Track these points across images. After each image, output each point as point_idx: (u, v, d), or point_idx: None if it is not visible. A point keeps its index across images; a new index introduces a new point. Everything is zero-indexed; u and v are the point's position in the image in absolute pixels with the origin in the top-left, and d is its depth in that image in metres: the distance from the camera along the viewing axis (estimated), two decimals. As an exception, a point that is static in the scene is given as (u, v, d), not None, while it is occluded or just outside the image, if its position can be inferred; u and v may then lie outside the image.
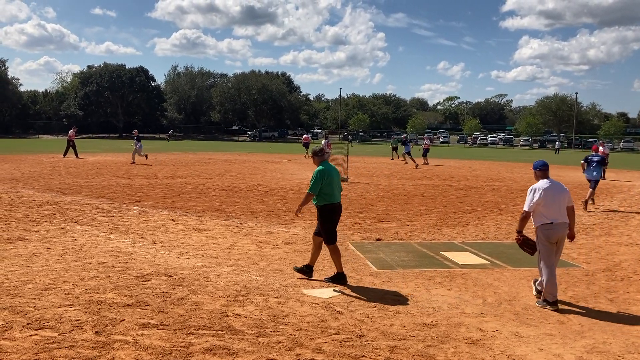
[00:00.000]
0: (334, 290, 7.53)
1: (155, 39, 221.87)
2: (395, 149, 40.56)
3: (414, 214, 14.12)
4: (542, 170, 7.18)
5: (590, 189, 16.72)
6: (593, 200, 17.12)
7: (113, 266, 8.30)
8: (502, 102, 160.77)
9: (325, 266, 8.70)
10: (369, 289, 7.57)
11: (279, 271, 8.34)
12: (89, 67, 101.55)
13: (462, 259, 9.47)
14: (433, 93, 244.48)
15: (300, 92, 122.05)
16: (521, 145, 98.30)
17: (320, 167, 7.93)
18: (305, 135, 44.29)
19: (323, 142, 24.94)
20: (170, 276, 7.89)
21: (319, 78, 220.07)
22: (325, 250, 8.40)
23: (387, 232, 11.40)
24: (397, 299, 7.18)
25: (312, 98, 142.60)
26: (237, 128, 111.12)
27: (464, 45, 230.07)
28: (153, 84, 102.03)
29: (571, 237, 7.02)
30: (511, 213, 15.12)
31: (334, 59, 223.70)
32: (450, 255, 9.66)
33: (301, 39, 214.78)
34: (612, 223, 13.78)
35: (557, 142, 73.81)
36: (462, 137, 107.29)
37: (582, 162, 17.39)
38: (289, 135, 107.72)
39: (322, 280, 7.90)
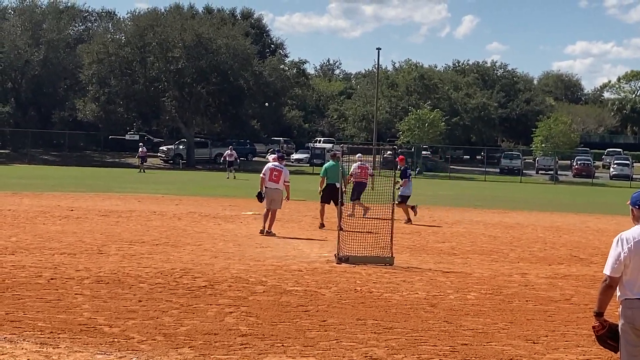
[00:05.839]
0: None
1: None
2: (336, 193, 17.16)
3: (549, 346, 8.59)
4: None
5: None
6: None
7: None
8: None
9: None
10: None
11: None
12: None
13: None
14: (595, 63, 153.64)
15: (287, 56, 78.08)
16: None
17: None
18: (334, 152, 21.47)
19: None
20: None
21: (332, 25, 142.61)
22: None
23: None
24: None
25: (313, 71, 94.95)
26: (137, 136, 67.53)
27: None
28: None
29: None
30: None
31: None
32: None
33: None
34: None
35: None
36: None
37: None
38: (258, 156, 67.06)
39: None
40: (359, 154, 22.07)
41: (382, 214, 15.43)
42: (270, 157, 17.93)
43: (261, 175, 17.63)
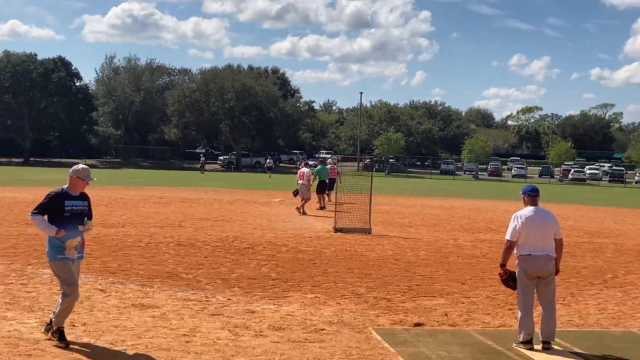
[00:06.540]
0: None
1: (84, 16, 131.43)
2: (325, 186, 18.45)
3: (472, 286, 8.03)
4: (530, 197, 5.66)
5: None
6: None
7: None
8: (607, 117, 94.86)
9: None
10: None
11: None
12: (-19, 56, 57.25)
13: (547, 357, 5.38)
14: (502, 102, 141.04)
15: (301, 97, 74.95)
16: (637, 182, 55.58)
17: None
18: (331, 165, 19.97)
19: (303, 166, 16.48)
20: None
21: (330, 77, 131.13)
22: None
23: (432, 314, 6.68)
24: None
25: (318, 107, 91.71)
26: (204, 150, 65.75)
27: (549, 30, 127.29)
28: (78, 84, 61.88)
29: (556, 271, 5.54)
30: (621, 286, 8.18)
31: (354, 48, 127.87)
32: (529, 352, 5.37)
33: (304, 18, 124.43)
34: None
35: None
36: (546, 169, 63.19)
37: None
38: (283, 162, 65.44)
39: None
40: (329, 159, 21.06)
41: (362, 201, 14.87)
42: (302, 164, 18.39)
43: (296, 178, 17.77)
